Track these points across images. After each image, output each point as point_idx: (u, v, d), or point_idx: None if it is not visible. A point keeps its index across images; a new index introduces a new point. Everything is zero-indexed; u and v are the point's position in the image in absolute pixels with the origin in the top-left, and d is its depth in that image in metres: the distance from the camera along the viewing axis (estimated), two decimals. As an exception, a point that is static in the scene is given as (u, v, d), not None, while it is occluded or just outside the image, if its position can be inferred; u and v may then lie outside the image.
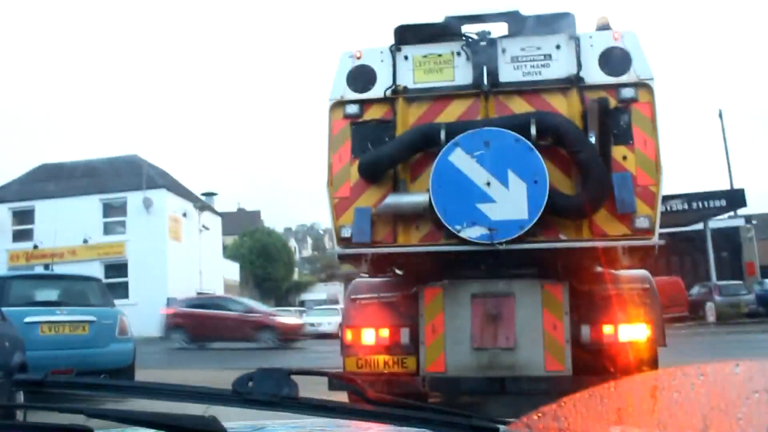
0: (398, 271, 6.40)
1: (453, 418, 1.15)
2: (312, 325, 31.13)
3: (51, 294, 9.90)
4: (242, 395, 1.06)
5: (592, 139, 5.37)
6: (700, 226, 29.53)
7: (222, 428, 1.09)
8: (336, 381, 1.33)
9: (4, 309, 7.23)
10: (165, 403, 1.11)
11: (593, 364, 5.34)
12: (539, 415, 1.16)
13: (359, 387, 1.18)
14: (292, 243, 59.49)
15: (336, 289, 50.56)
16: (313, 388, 1.44)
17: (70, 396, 1.48)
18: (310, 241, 78.84)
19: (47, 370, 5.15)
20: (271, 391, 1.06)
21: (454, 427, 1.15)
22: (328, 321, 30.96)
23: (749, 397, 0.85)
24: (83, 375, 7.89)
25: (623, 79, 5.52)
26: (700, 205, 27.95)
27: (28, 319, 8.71)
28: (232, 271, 43.82)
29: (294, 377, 1.12)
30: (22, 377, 1.23)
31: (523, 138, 5.32)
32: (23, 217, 34.23)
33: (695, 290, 28.71)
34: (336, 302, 42.06)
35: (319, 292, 50.19)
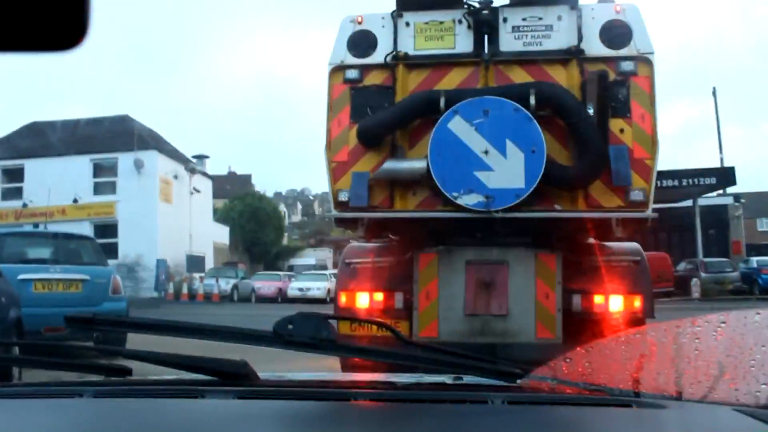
0: (393, 237, 6.46)
1: (481, 364, 1.20)
2: (300, 289, 31.31)
3: (44, 252, 9.94)
4: (283, 337, 1.11)
5: (591, 111, 5.41)
6: (689, 203, 29.71)
7: (252, 372, 1.14)
8: (371, 324, 1.39)
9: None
10: (199, 344, 1.16)
11: (583, 333, 5.43)
12: (567, 360, 1.22)
13: (394, 330, 1.24)
14: (282, 208, 59.45)
15: (325, 254, 50.77)
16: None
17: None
18: (300, 206, 78.84)
19: (41, 327, 5.20)
20: (310, 334, 1.11)
21: (482, 371, 1.20)
22: (317, 286, 31.14)
23: (765, 345, 0.90)
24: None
25: (623, 52, 5.54)
26: (690, 182, 28.09)
27: (21, 276, 8.75)
28: (222, 234, 43.83)
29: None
30: (72, 315, 1.28)
31: (522, 107, 5.35)
32: (12, 175, 34.05)
33: (682, 266, 29.01)
34: (324, 268, 42.24)
35: (308, 257, 50.36)
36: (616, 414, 1.14)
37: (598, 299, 5.61)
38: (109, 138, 33.46)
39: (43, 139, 33.53)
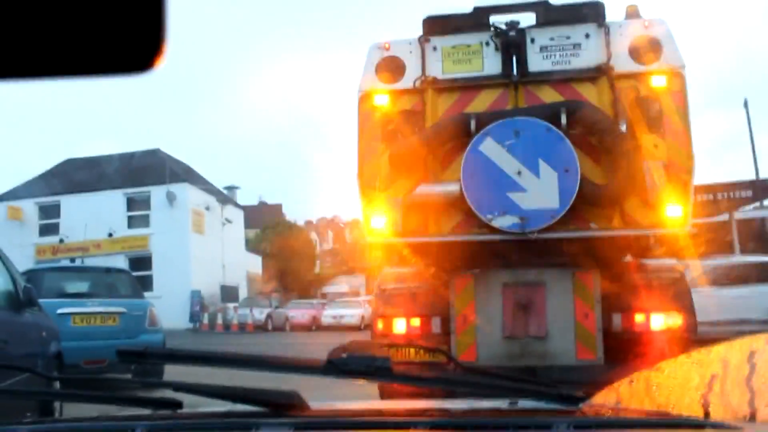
0: (427, 261, 6.43)
1: (541, 388, 1.17)
2: (334, 317, 31.25)
3: (82, 286, 10.06)
4: (337, 366, 1.09)
5: (623, 128, 5.37)
6: (725, 217, 29.21)
7: (304, 401, 1.12)
8: (423, 350, 1.37)
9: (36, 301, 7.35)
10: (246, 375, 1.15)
11: (625, 353, 5.34)
12: (631, 382, 1.18)
13: (448, 354, 1.21)
14: (314, 236, 59.67)
15: (357, 281, 50.72)
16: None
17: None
18: (331, 234, 79.07)
19: (80, 361, 5.24)
20: (365, 362, 1.09)
21: (543, 396, 1.17)
22: (351, 313, 31.08)
23: None
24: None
25: (654, 67, 5.49)
26: (726, 195, 27.63)
27: (60, 311, 8.85)
28: (255, 264, 44.08)
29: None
30: (124, 348, 1.28)
31: (554, 127, 5.32)
32: (49, 211, 34.67)
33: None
34: (357, 294, 42.18)
35: (341, 284, 50.34)
36: None
37: (638, 317, 5.52)
38: (142, 172, 34.01)
39: (77, 176, 34.18)
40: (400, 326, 5.74)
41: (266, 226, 49.35)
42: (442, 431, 1.13)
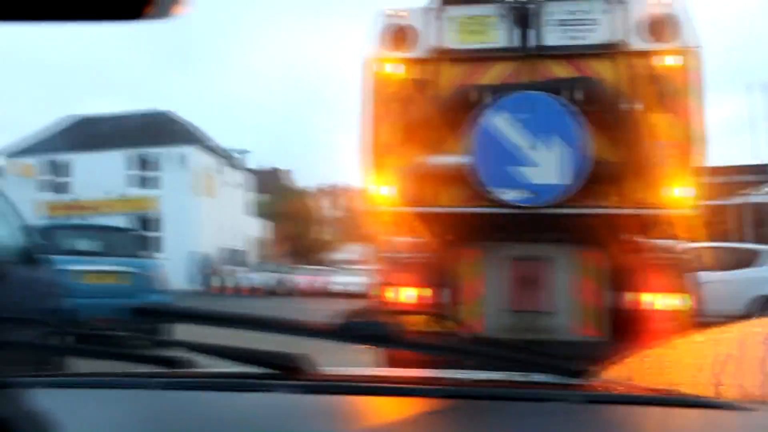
0: (434, 233, 6.45)
1: (555, 361, 1.19)
2: (342, 284, 31.39)
3: (93, 244, 10.17)
4: (349, 331, 1.12)
5: (636, 106, 5.35)
6: (735, 200, 29.05)
7: (316, 366, 1.15)
8: (434, 317, 1.39)
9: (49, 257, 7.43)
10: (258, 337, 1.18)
11: (631, 331, 5.38)
12: (644, 358, 1.19)
13: (463, 324, 1.24)
14: (322, 202, 59.71)
15: (365, 249, 50.76)
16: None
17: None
18: (339, 201, 79.09)
19: (91, 318, 5.30)
20: (377, 328, 1.11)
21: (556, 369, 1.19)
22: (358, 281, 31.17)
23: None
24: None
25: (670, 46, 5.45)
26: (735, 178, 27.47)
27: (72, 267, 8.94)
28: (263, 229, 44.21)
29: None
30: (140, 306, 1.31)
31: (567, 102, 5.31)
32: (60, 169, 34.78)
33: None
34: (365, 262, 42.28)
35: (349, 252, 50.47)
36: (698, 415, 1.11)
37: (645, 297, 5.54)
38: (153, 133, 33.99)
39: (88, 134, 34.19)
40: (408, 296, 5.77)
41: (276, 191, 49.41)
42: (459, 399, 1.14)
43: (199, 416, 1.01)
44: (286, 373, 1.13)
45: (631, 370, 1.30)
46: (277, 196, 48.25)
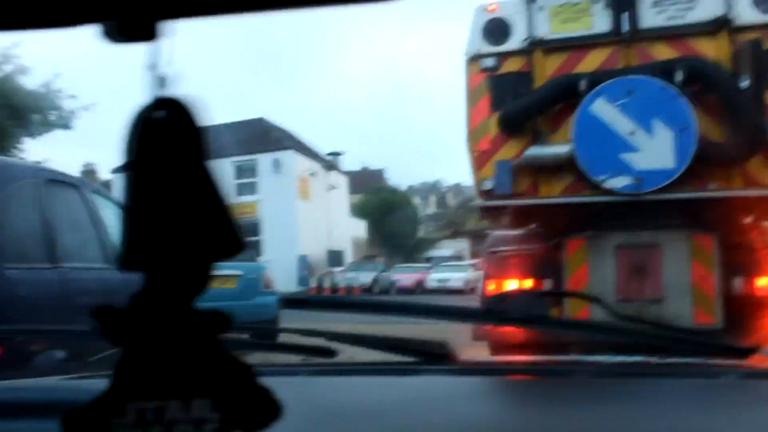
0: (537, 224, 6.39)
1: (706, 339, 1.18)
2: (440, 281, 31.41)
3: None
4: (498, 314, 1.14)
5: (745, 83, 5.14)
6: None
7: (454, 353, 1.17)
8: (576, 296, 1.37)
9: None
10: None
11: (746, 318, 5.18)
12: None
13: (607, 306, 1.24)
14: (416, 200, 59.87)
15: (461, 245, 50.64)
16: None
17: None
18: (433, 198, 79.10)
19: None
20: (524, 310, 1.13)
21: (710, 347, 1.18)
22: (456, 277, 31.14)
23: None
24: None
25: None
26: None
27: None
28: (359, 229, 44.72)
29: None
30: (289, 297, 1.38)
31: (669, 84, 5.16)
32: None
33: None
34: (461, 258, 42.16)
35: (445, 248, 50.42)
36: None
37: (760, 282, 5.32)
38: (248, 140, 34.91)
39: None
40: (511, 288, 5.75)
41: (369, 191, 49.87)
42: (604, 378, 1.12)
43: (358, 398, 1.04)
44: (427, 359, 1.15)
45: None
46: (371, 196, 48.69)
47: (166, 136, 0.50)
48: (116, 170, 37.12)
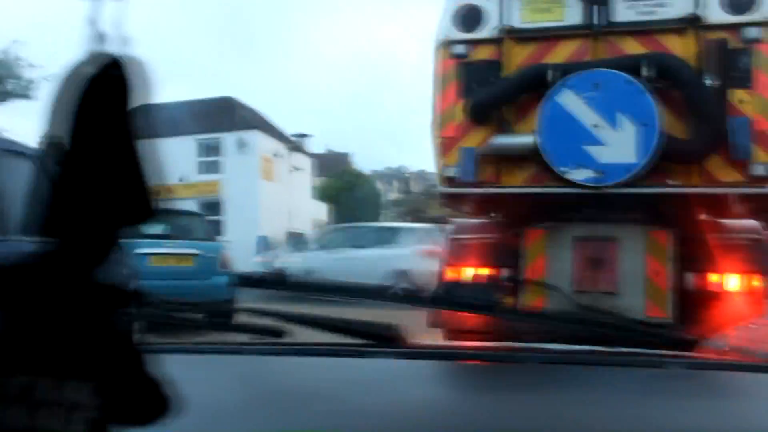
0: (498, 213, 6.41)
1: (654, 330, 1.20)
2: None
3: (158, 227, 10.39)
4: (452, 300, 1.14)
5: (709, 82, 5.19)
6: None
7: (403, 336, 1.15)
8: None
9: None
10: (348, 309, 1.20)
11: (698, 313, 5.26)
12: (750, 326, 1.20)
13: (564, 295, 1.22)
14: (380, 185, 59.85)
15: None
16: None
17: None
18: (396, 184, 79.23)
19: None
20: (474, 297, 1.14)
21: (659, 338, 1.20)
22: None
23: None
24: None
25: (747, 18, 5.26)
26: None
27: (138, 251, 9.18)
28: (321, 212, 44.57)
29: None
30: (244, 274, 1.38)
31: (635, 79, 5.18)
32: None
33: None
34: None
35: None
36: None
37: (713, 278, 5.41)
38: (213, 118, 34.49)
39: (150, 121, 34.83)
40: (468, 276, 5.77)
41: (333, 174, 49.71)
42: (552, 366, 1.14)
43: (304, 379, 1.03)
44: (378, 342, 1.14)
45: (735, 339, 1.29)
46: (335, 179, 48.54)
47: (93, 94, 0.46)
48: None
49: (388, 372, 1.04)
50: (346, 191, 46.77)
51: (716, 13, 5.29)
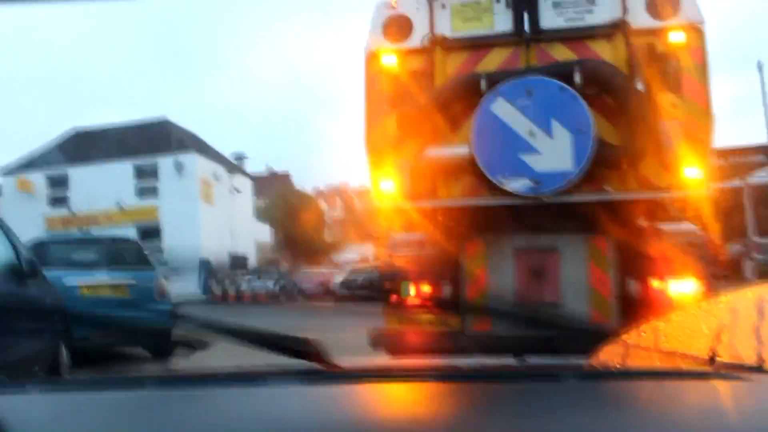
0: (437, 226, 6.29)
1: (551, 344, 1.28)
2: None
3: (89, 256, 9.99)
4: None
5: (639, 87, 5.18)
6: (738, 182, 28.90)
7: (326, 353, 1.16)
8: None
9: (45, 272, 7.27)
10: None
11: (640, 318, 5.19)
12: (641, 332, 1.31)
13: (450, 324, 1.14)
14: (322, 203, 59.61)
15: (368, 249, 50.70)
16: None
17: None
18: (339, 201, 79.09)
19: (90, 332, 5.13)
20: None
21: (554, 350, 1.24)
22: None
23: None
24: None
25: (672, 22, 5.29)
26: (738, 160, 27.31)
27: (67, 282, 8.78)
28: (264, 233, 44.11)
29: None
30: (177, 312, 1.32)
31: (567, 86, 5.15)
32: (58, 183, 34.69)
33: (733, 248, 28.24)
34: (368, 262, 42.14)
35: (352, 252, 50.34)
36: (693, 386, 1.12)
37: (655, 283, 5.39)
38: (149, 142, 33.93)
39: (85, 147, 34.13)
40: (409, 292, 5.63)
41: (274, 194, 49.32)
42: (451, 383, 1.16)
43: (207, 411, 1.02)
44: (298, 356, 1.17)
45: (628, 346, 1.33)
46: (276, 200, 48.16)
47: None
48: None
49: (297, 394, 1.05)
50: (290, 212, 46.46)
51: (642, 18, 5.31)
